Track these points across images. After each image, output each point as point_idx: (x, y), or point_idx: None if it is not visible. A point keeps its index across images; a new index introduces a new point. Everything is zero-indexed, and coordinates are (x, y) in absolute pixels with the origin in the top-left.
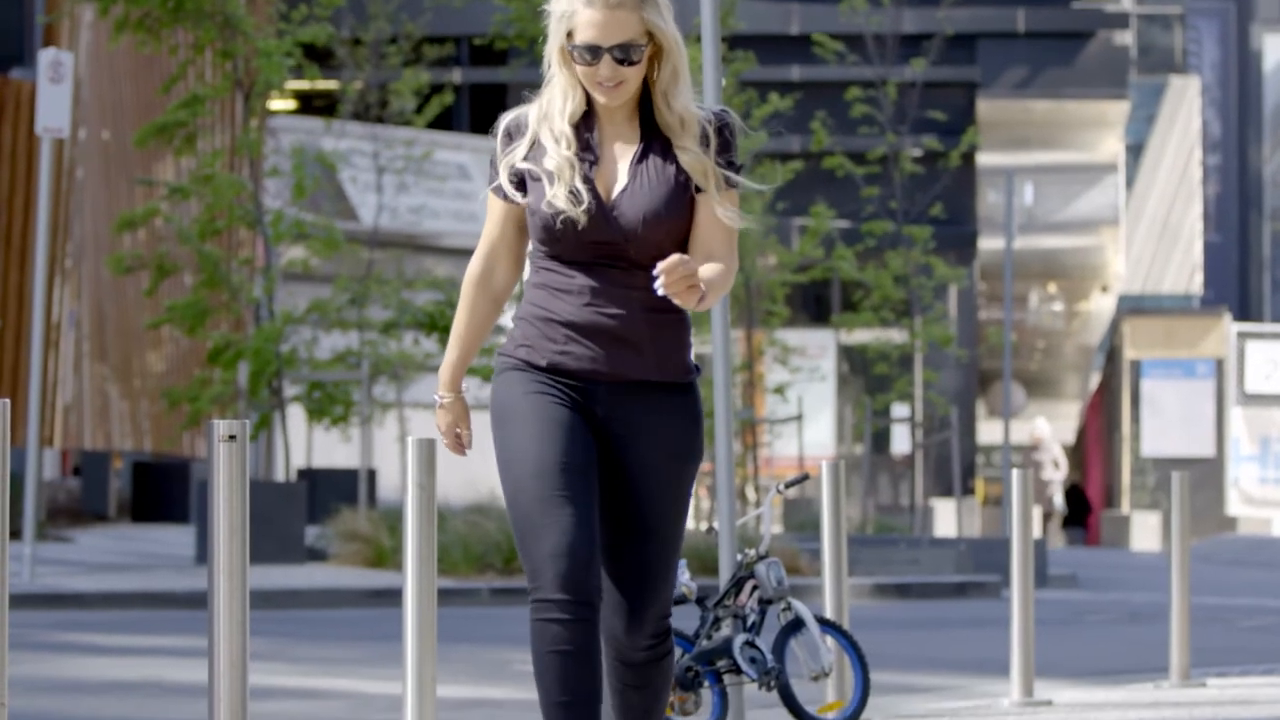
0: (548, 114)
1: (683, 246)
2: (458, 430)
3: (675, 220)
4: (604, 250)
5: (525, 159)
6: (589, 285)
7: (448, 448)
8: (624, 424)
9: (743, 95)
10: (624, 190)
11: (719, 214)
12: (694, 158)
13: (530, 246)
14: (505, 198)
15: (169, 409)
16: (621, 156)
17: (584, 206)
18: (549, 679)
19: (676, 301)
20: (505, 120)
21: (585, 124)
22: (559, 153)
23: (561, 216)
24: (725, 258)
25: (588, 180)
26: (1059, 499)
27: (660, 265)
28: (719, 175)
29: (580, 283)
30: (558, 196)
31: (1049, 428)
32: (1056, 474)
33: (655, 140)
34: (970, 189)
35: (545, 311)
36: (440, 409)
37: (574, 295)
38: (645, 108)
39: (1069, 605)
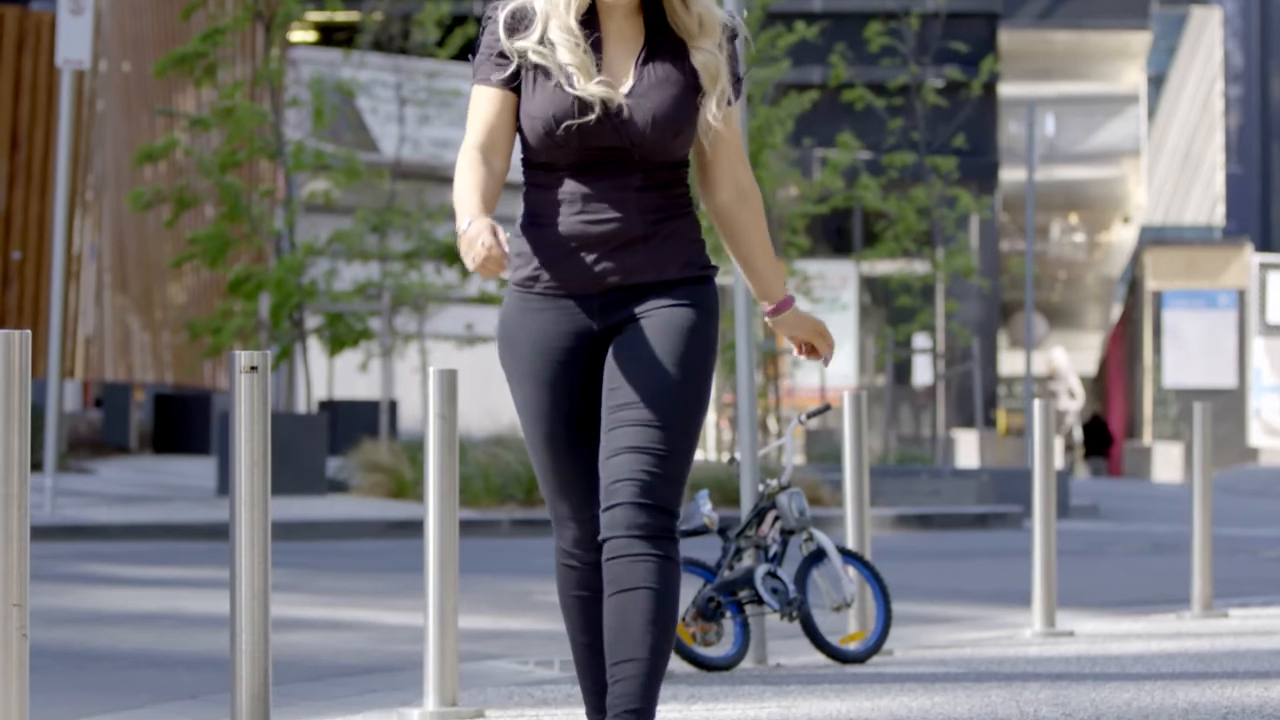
0: (553, 8)
1: (688, 149)
2: (493, 237)
3: (683, 124)
4: (605, 155)
5: (534, 54)
6: (582, 191)
7: (484, 262)
8: (627, 326)
9: (770, 30)
10: (630, 93)
11: (728, 128)
12: (710, 59)
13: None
14: (512, 85)
15: (190, 341)
16: (625, 57)
17: (596, 112)
18: (573, 619)
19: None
20: (503, 11)
21: (586, 23)
22: (575, 51)
23: (568, 121)
24: (749, 181)
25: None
26: (1076, 429)
27: (829, 354)
28: (726, 85)
29: (571, 190)
30: (588, 90)
31: (1065, 357)
32: (1072, 404)
33: (661, 41)
34: (992, 120)
35: (538, 224)
36: (469, 227)
37: (566, 204)
38: (647, 7)
39: (1091, 536)
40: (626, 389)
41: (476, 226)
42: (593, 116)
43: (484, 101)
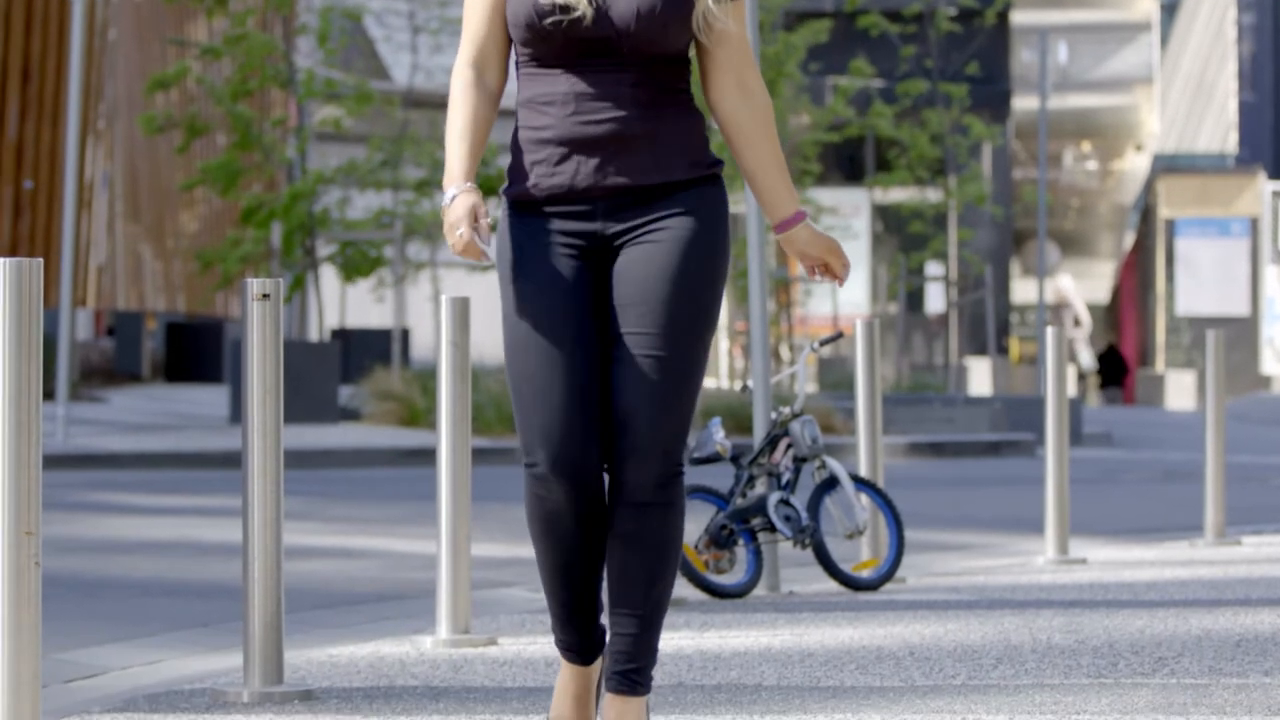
0: None
1: (683, 43)
2: (475, 220)
3: (672, 14)
4: (593, 48)
5: None
6: (575, 91)
7: (464, 245)
8: (632, 234)
9: None
10: None
11: (731, 25)
12: None
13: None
14: None
15: (202, 269)
16: None
17: (581, 6)
18: (543, 542)
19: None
20: None
21: None
22: None
23: (553, 16)
24: (757, 84)
25: None
26: (1083, 356)
27: (845, 274)
28: None
29: (565, 89)
30: None
31: (1072, 285)
32: (1078, 331)
33: None
34: (1005, 48)
35: (533, 130)
36: (453, 201)
37: (559, 105)
38: None
39: (1104, 464)
40: (636, 315)
41: (456, 211)
42: (577, 5)
43: (473, 9)
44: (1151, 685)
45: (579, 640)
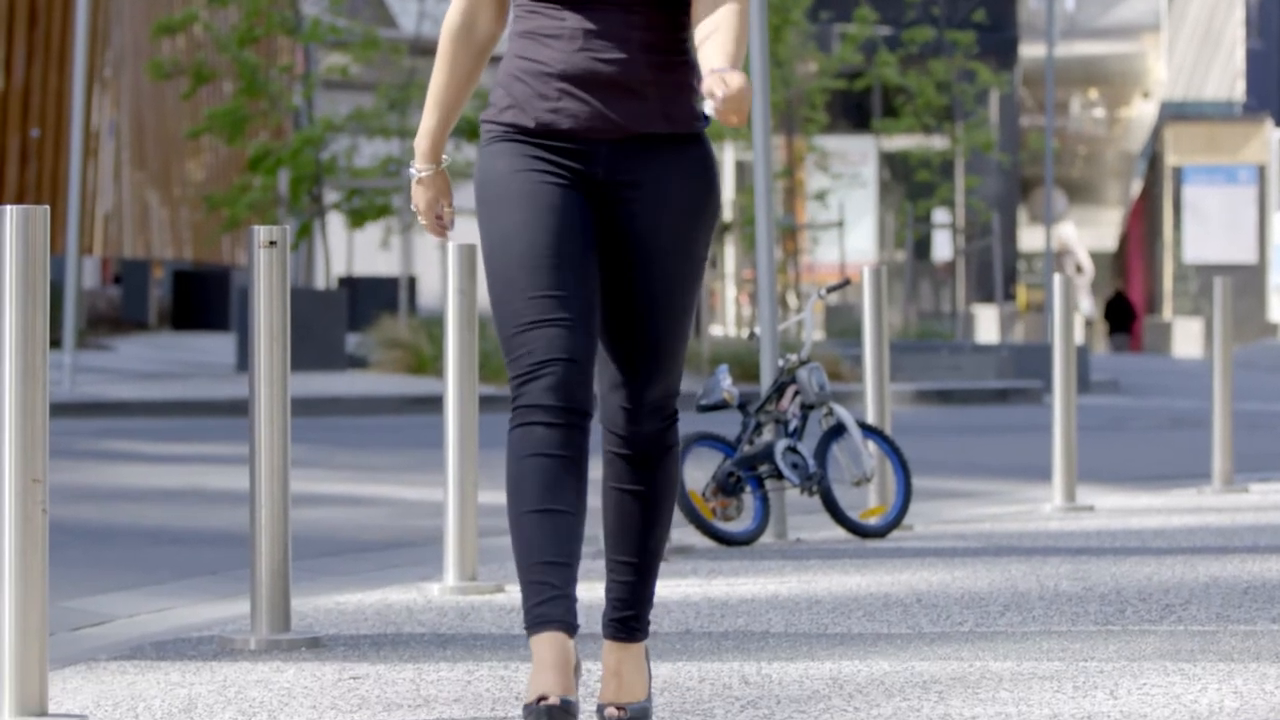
0: None
1: None
2: (439, 209)
3: None
4: None
5: None
6: (582, 28)
7: (427, 229)
8: (629, 184)
9: None
10: None
11: None
12: None
13: None
14: None
15: (209, 214)
16: None
17: None
18: (526, 485)
19: (719, 119)
20: None
21: None
22: None
23: None
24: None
25: None
26: (1085, 304)
27: (723, 94)
28: None
29: (572, 25)
30: None
31: (1075, 232)
32: (1080, 278)
33: None
34: None
35: (534, 63)
36: (417, 184)
37: (565, 40)
38: None
39: (1111, 411)
40: (633, 273)
41: (417, 201)
42: None
43: None
44: (1159, 632)
45: (557, 601)
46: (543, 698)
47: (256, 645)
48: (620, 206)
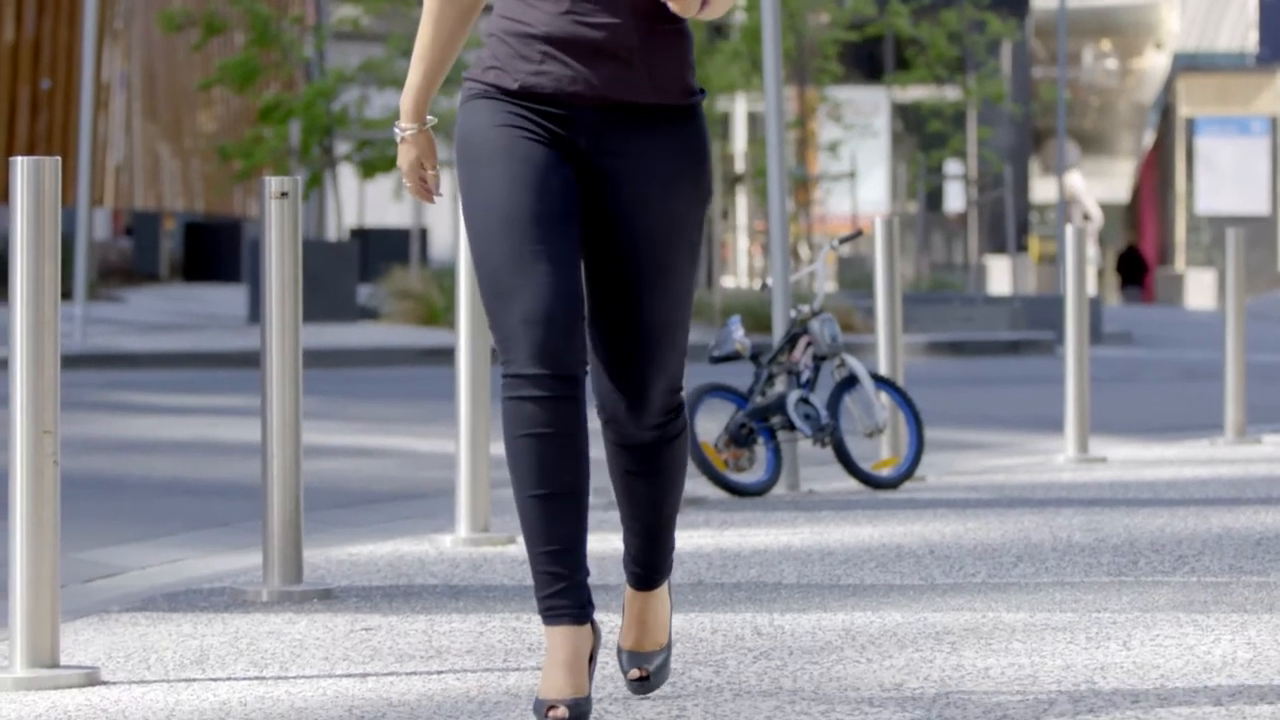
0: None
1: None
2: (422, 170)
3: None
4: None
5: None
6: None
7: (411, 192)
8: (613, 156)
9: None
10: None
11: None
12: None
13: None
14: None
15: (220, 165)
16: None
17: None
18: (524, 468)
19: (674, 8)
20: None
21: None
22: None
23: None
24: None
25: None
26: (1091, 250)
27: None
28: None
29: None
30: None
31: (1083, 182)
32: (1088, 226)
33: None
34: None
35: (518, 23)
36: (402, 144)
37: (550, 2)
38: None
39: (1124, 363)
40: (627, 257)
41: (402, 161)
42: None
43: None
44: (1172, 583)
45: (567, 593)
46: (552, 707)
47: (268, 597)
48: (605, 181)
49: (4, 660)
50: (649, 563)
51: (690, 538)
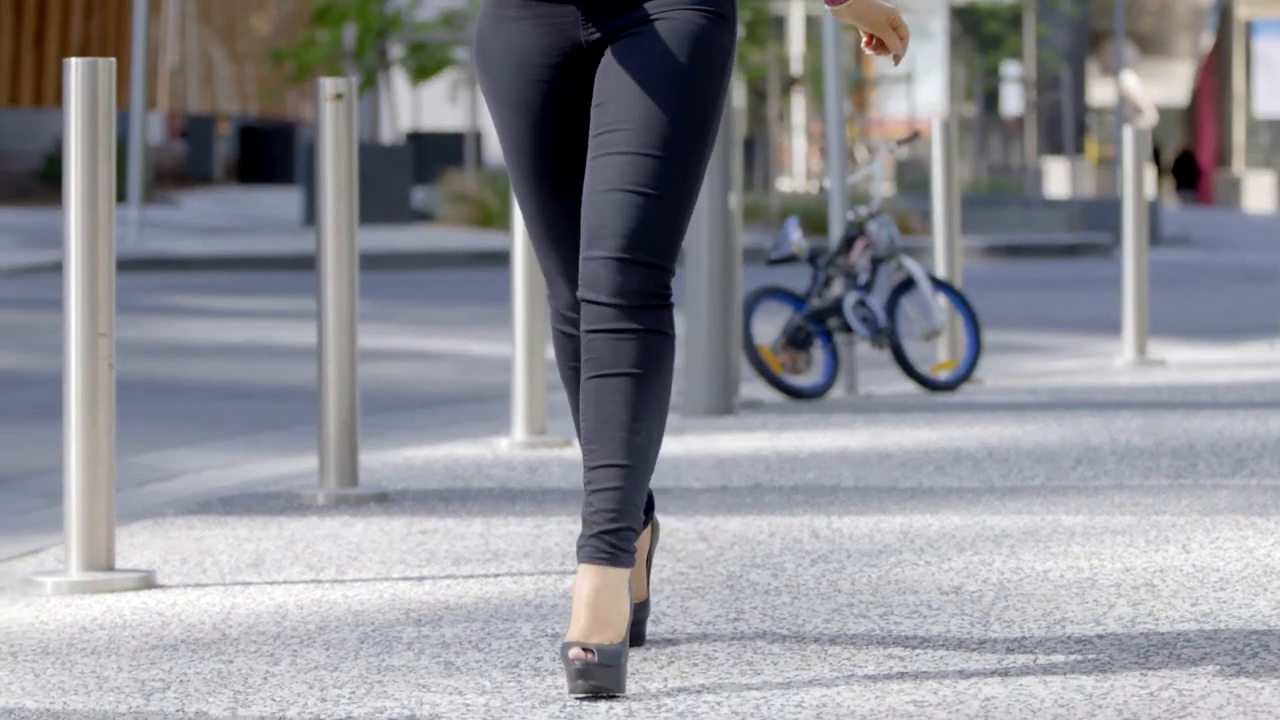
0: None
1: None
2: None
3: None
4: None
5: None
6: None
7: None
8: (627, 35)
9: None
10: None
11: None
12: None
13: None
14: None
15: (274, 67)
16: None
17: None
18: (571, 394)
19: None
20: None
21: None
22: None
23: None
24: None
25: None
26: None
27: (900, 49)
28: None
29: None
30: None
31: (1137, 82)
32: (1141, 119)
33: None
34: None
35: None
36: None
37: None
38: None
39: (1182, 266)
40: (615, 106)
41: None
42: None
43: None
44: (1231, 486)
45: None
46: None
47: (324, 500)
48: (612, 53)
49: (60, 564)
50: (619, 513)
51: (748, 440)
